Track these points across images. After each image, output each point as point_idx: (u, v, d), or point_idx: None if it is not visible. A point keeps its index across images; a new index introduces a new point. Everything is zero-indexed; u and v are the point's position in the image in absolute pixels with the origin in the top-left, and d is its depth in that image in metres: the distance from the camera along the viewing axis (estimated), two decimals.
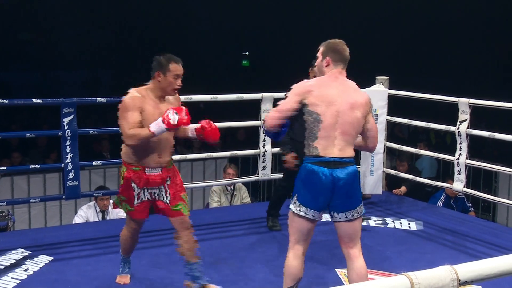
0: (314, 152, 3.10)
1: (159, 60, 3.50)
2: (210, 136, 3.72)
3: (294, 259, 3.28)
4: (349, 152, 3.14)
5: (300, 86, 3.20)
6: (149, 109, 3.47)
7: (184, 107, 3.48)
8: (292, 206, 3.18)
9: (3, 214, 5.31)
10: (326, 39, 3.34)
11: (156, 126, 3.37)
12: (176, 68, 3.51)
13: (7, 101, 4.70)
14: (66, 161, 4.65)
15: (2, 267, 4.08)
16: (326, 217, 5.31)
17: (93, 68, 16.68)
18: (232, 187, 6.13)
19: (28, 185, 6.72)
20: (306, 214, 3.15)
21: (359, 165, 5.78)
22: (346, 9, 15.72)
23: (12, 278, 3.89)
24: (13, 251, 4.35)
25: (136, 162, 3.55)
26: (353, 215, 3.18)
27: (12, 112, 11.89)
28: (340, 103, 3.11)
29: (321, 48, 3.31)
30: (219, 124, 5.85)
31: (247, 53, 19.02)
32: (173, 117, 3.36)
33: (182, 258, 3.70)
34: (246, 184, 6.37)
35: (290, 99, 3.18)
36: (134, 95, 3.49)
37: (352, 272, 3.28)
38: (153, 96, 3.52)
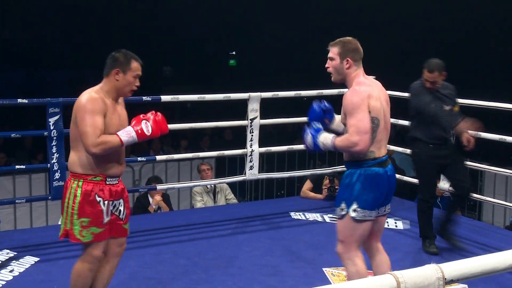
0: (371, 156, 3.13)
1: (117, 56, 3.16)
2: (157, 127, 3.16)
3: (362, 262, 3.27)
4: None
5: (361, 94, 3.09)
6: (108, 114, 3.10)
7: (157, 115, 3.16)
8: (354, 214, 3.13)
9: None
10: (314, 39, 3.34)
11: (127, 135, 3.07)
12: (137, 67, 3.18)
13: None
14: (52, 161, 4.62)
15: None
16: (314, 217, 5.35)
17: (78, 67, 16.63)
18: (213, 185, 6.12)
19: (13, 185, 6.67)
20: (370, 216, 3.17)
21: None
22: (334, 10, 15.76)
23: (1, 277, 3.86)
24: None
25: (95, 171, 3.12)
26: (389, 209, 3.34)
27: None
28: (382, 102, 3.16)
29: (335, 49, 3.22)
30: (207, 124, 5.88)
31: (234, 52, 19.01)
32: (147, 128, 3.09)
33: None
34: (233, 184, 6.36)
35: (365, 113, 3.07)
36: (94, 96, 3.08)
37: (383, 265, 3.38)
38: (109, 97, 3.14)
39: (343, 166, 5.79)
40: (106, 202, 3.14)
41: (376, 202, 3.16)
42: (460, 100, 5.02)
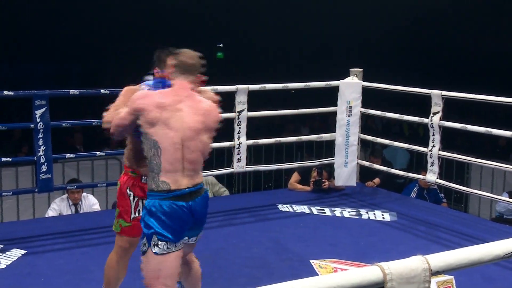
0: (164, 188, 2.73)
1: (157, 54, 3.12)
2: None
3: None
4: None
5: (140, 97, 2.87)
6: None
7: None
8: (156, 249, 2.72)
9: None
10: (302, 31, 3.31)
11: None
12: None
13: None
14: (39, 154, 4.58)
15: None
16: (301, 209, 5.36)
17: (62, 61, 16.50)
18: None
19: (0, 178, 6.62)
20: (176, 248, 2.77)
21: (333, 157, 5.82)
22: (321, 1, 15.74)
23: None
24: None
25: (134, 166, 3.14)
26: (200, 236, 2.97)
27: None
28: (182, 125, 2.79)
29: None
30: None
31: (221, 45, 18.96)
32: None
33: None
34: (220, 176, 6.35)
35: (128, 112, 2.88)
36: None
37: (195, 274, 3.16)
38: None
39: (332, 158, 5.85)
40: (136, 198, 3.13)
41: (179, 235, 2.76)
42: (447, 93, 5.05)
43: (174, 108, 2.77)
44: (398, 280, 1.59)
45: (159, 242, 2.72)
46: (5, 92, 4.60)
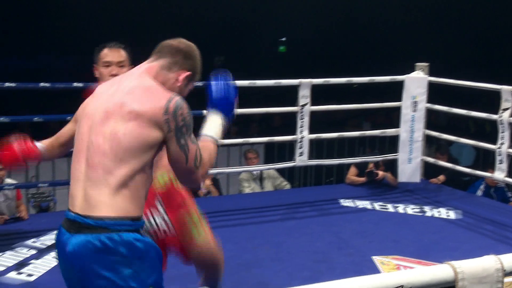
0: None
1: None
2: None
3: None
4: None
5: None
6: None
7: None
8: None
9: (45, 195, 5.42)
10: (366, 24, 3.25)
11: None
12: (106, 54, 2.82)
13: (49, 85, 4.75)
14: None
15: (44, 246, 4.17)
16: (363, 204, 5.32)
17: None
18: (259, 171, 6.13)
19: (68, 167, 6.81)
20: None
21: (397, 152, 5.73)
22: None
23: (53, 257, 3.97)
24: (55, 232, 4.43)
25: None
26: None
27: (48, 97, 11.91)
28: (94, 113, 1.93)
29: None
30: (258, 110, 5.89)
31: (284, 39, 18.92)
32: None
33: None
34: (282, 170, 6.36)
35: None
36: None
37: None
38: None
39: (395, 154, 5.76)
40: None
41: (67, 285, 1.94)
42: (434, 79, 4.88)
43: (97, 94, 2.02)
44: (470, 279, 1.56)
45: None
46: (41, 84, 4.60)
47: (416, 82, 5.60)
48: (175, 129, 1.88)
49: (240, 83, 5.44)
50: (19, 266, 3.86)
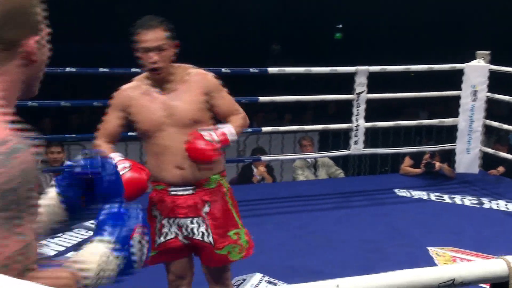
0: None
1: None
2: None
3: None
4: None
5: None
6: (135, 106, 2.47)
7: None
8: None
9: None
10: (424, 11, 3.14)
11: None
12: (142, 38, 2.37)
13: (108, 70, 4.84)
14: None
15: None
16: (419, 194, 5.23)
17: None
18: (313, 159, 6.10)
19: (125, 151, 6.95)
20: None
21: (454, 142, 5.61)
22: None
23: None
24: None
25: (155, 176, 2.48)
26: None
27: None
28: None
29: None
30: (313, 97, 5.86)
31: (340, 25, 18.74)
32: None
33: None
34: (336, 158, 6.32)
35: None
36: (120, 88, 2.54)
37: None
38: (149, 84, 2.48)
39: (453, 144, 5.64)
40: (161, 218, 2.51)
41: None
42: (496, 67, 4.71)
43: None
44: None
45: None
46: (101, 69, 4.67)
47: (477, 70, 5.45)
48: None
49: (296, 70, 5.44)
50: (77, 246, 3.97)
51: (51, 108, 8.70)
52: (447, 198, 5.16)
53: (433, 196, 5.20)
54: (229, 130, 2.41)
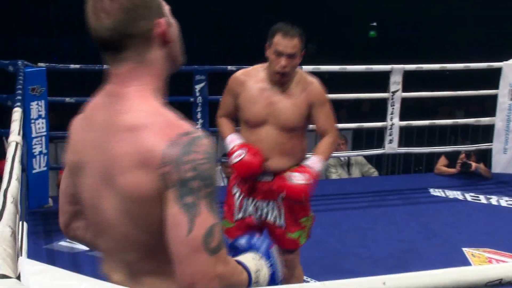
0: None
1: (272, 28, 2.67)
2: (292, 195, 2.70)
3: None
4: None
5: None
6: (244, 96, 2.73)
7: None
8: None
9: None
10: (460, 8, 3.11)
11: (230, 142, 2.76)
12: (278, 42, 2.59)
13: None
14: (197, 127, 4.81)
15: None
16: (454, 194, 5.18)
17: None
18: (347, 157, 6.08)
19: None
20: None
21: (491, 142, 5.54)
22: None
23: None
24: None
25: None
26: None
27: None
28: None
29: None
30: (346, 95, 5.84)
31: (374, 23, 18.58)
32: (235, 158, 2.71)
33: None
34: (369, 157, 6.29)
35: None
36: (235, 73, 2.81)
37: None
38: (267, 78, 2.70)
39: (489, 144, 5.56)
40: (241, 196, 2.78)
41: None
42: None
43: None
44: None
45: None
46: None
47: None
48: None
49: (330, 68, 5.43)
50: None
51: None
52: (483, 199, 5.10)
53: (469, 196, 5.14)
54: (317, 165, 2.75)
